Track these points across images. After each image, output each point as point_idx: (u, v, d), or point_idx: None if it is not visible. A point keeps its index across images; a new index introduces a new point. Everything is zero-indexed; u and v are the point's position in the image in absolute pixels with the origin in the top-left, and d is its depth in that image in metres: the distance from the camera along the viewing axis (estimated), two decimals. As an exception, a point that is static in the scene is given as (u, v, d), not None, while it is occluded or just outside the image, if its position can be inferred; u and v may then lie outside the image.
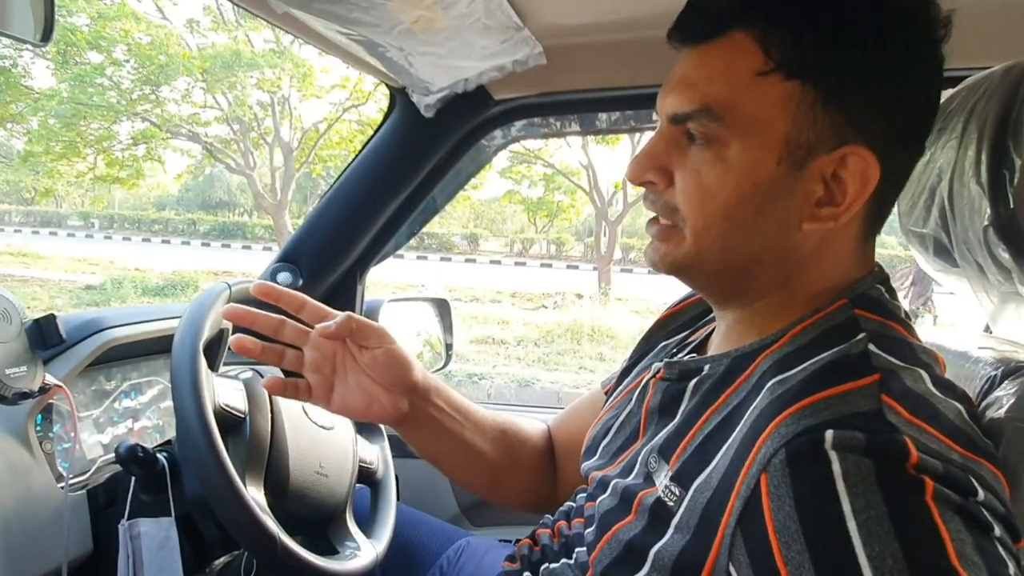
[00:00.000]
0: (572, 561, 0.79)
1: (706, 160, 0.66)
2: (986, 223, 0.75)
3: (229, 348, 1.32)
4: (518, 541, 0.92)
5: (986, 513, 0.52)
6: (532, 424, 1.09)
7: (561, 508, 0.90)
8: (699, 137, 0.66)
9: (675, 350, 0.88)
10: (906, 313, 0.69)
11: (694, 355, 0.81)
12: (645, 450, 0.74)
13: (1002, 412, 0.69)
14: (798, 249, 0.68)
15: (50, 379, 0.98)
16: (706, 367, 0.74)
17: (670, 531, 0.63)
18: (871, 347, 0.61)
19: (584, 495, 0.85)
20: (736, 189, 0.65)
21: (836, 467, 0.51)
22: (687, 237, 0.69)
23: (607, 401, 0.95)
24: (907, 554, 0.48)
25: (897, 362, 0.60)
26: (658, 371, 0.80)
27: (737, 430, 0.62)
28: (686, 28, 0.69)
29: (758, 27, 0.64)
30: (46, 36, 0.80)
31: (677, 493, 0.64)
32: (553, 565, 0.81)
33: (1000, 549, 0.50)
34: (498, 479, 1.02)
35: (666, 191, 0.70)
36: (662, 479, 0.67)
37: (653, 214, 0.73)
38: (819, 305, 0.68)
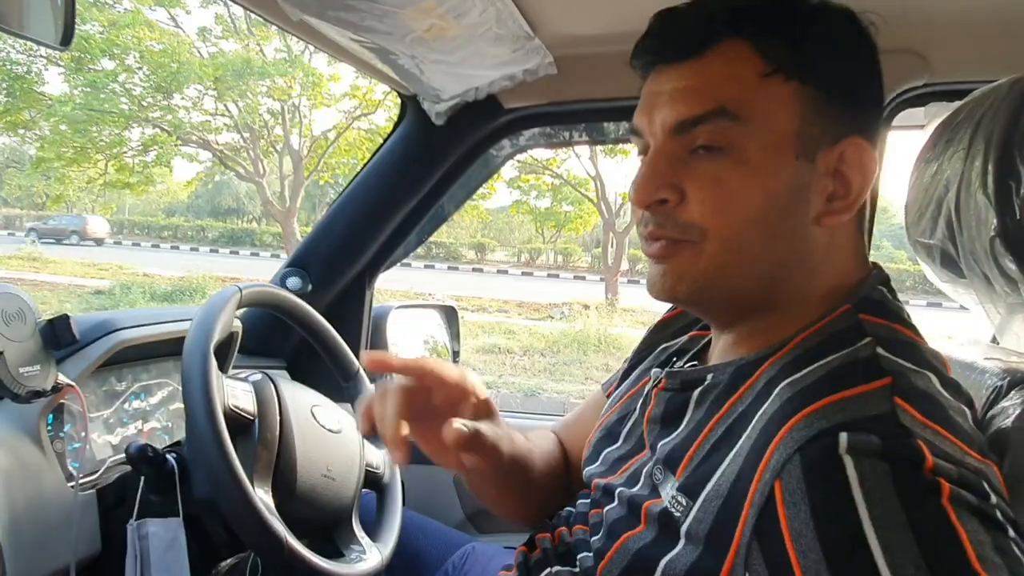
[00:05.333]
0: (576, 568, 0.77)
1: (724, 166, 0.65)
2: (993, 234, 0.75)
3: (239, 351, 1.33)
4: (521, 546, 0.92)
5: (999, 515, 0.52)
6: (550, 441, 1.04)
7: (561, 513, 0.89)
8: (712, 144, 0.65)
9: (674, 356, 0.87)
10: (908, 314, 0.69)
11: (695, 363, 0.81)
12: (651, 463, 0.73)
13: (1009, 422, 0.69)
14: (814, 249, 0.68)
15: (62, 379, 0.99)
16: (709, 376, 0.73)
17: (680, 542, 0.63)
18: (879, 350, 0.61)
19: (586, 501, 0.84)
20: (763, 190, 0.65)
21: (851, 472, 0.51)
22: (707, 250, 0.67)
23: (608, 404, 0.95)
24: (928, 560, 0.47)
25: (907, 364, 0.60)
26: (659, 380, 0.79)
27: (745, 436, 0.62)
28: (670, 45, 0.69)
29: (751, 34, 0.66)
30: (66, 40, 0.80)
31: (684, 504, 0.64)
32: (554, 569, 0.79)
33: (1016, 549, 0.50)
34: (531, 511, 0.96)
35: (677, 208, 0.67)
36: (668, 490, 0.67)
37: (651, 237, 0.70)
38: (823, 311, 0.68)
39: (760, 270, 0.68)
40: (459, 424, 0.70)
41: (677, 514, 0.64)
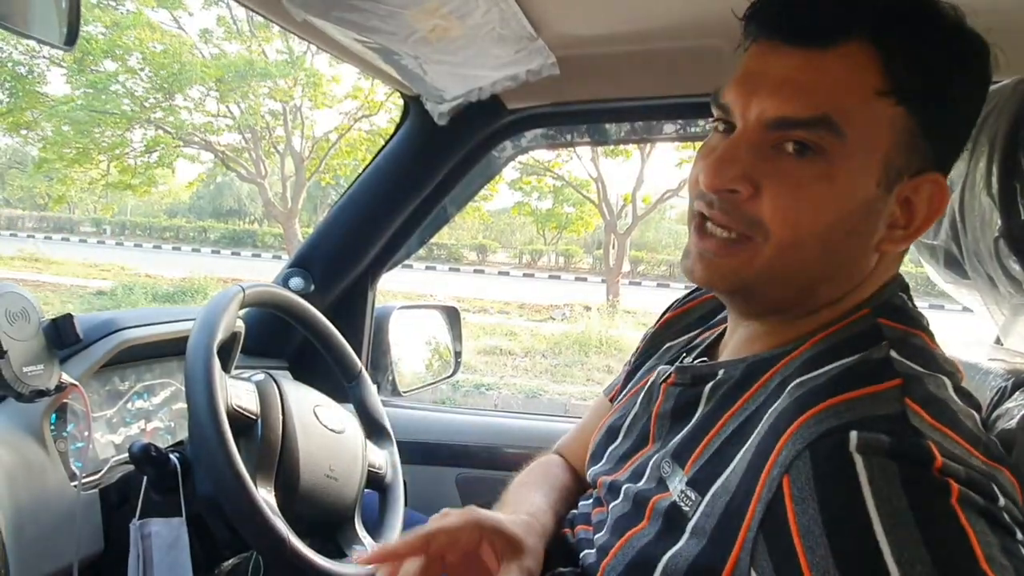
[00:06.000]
0: (579, 568, 0.78)
1: (810, 174, 0.62)
2: (997, 235, 0.76)
3: (241, 351, 1.33)
4: None
5: (1007, 517, 0.52)
6: (559, 468, 1.00)
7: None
8: (805, 148, 0.62)
9: (683, 352, 0.86)
10: (927, 321, 0.69)
11: (705, 359, 0.81)
12: (658, 455, 0.73)
13: (1013, 423, 0.69)
14: (866, 268, 0.68)
15: (66, 378, 0.99)
16: (721, 372, 0.73)
17: (684, 536, 0.62)
18: (893, 353, 0.61)
19: (589, 501, 0.85)
20: (838, 208, 0.63)
21: (861, 470, 0.51)
22: (764, 252, 0.64)
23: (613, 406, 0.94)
24: (936, 559, 0.47)
25: (919, 368, 0.60)
26: (668, 375, 0.79)
27: (755, 433, 0.62)
28: (795, 23, 0.63)
29: (883, 42, 0.61)
30: (70, 40, 0.80)
31: (693, 498, 0.64)
32: (557, 570, 0.79)
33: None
34: None
35: (748, 202, 0.64)
36: (677, 484, 0.67)
37: (702, 225, 0.68)
38: (841, 314, 0.68)
39: (806, 281, 0.67)
40: None
41: (685, 508, 0.64)
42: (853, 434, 0.53)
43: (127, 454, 1.05)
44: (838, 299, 0.68)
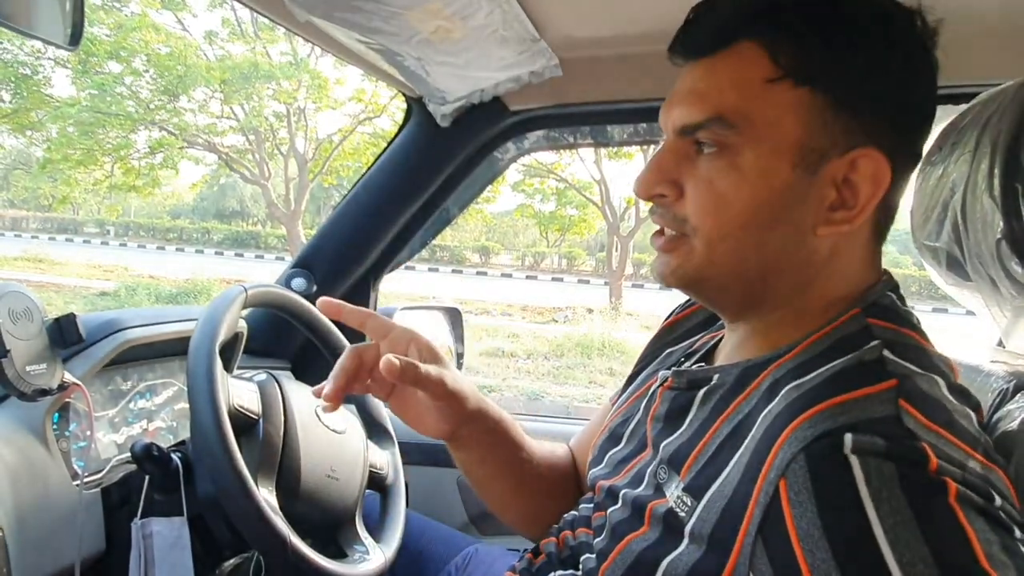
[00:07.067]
0: (579, 571, 0.78)
1: (719, 168, 0.66)
2: (999, 237, 0.75)
3: (243, 351, 1.34)
4: (526, 551, 0.92)
5: (1005, 516, 0.52)
6: (561, 452, 1.05)
7: (565, 517, 0.89)
8: (710, 146, 0.66)
9: (682, 358, 0.87)
10: (918, 319, 0.69)
11: (702, 364, 0.81)
12: (655, 463, 0.73)
13: (1015, 424, 0.69)
14: (813, 256, 0.68)
15: (68, 377, 0.99)
16: (715, 376, 0.73)
17: (684, 542, 0.63)
18: (886, 353, 0.61)
19: (589, 505, 0.85)
20: (752, 197, 0.65)
21: (858, 471, 0.51)
22: (697, 247, 0.69)
23: (613, 409, 0.95)
24: (937, 558, 0.47)
25: (913, 368, 0.60)
26: (665, 379, 0.80)
27: (749, 437, 0.62)
28: (689, 42, 0.70)
29: (765, 36, 0.65)
30: (75, 40, 0.81)
31: (689, 504, 0.64)
32: (557, 573, 0.80)
33: (1023, 550, 0.50)
34: (531, 510, 0.98)
35: (676, 203, 0.70)
36: (673, 490, 0.67)
37: (659, 227, 0.73)
38: (832, 316, 0.68)
39: (747, 271, 0.69)
40: (391, 355, 0.74)
41: (682, 514, 0.64)
42: (848, 436, 0.53)
43: (129, 453, 1.05)
44: (801, 290, 0.69)
